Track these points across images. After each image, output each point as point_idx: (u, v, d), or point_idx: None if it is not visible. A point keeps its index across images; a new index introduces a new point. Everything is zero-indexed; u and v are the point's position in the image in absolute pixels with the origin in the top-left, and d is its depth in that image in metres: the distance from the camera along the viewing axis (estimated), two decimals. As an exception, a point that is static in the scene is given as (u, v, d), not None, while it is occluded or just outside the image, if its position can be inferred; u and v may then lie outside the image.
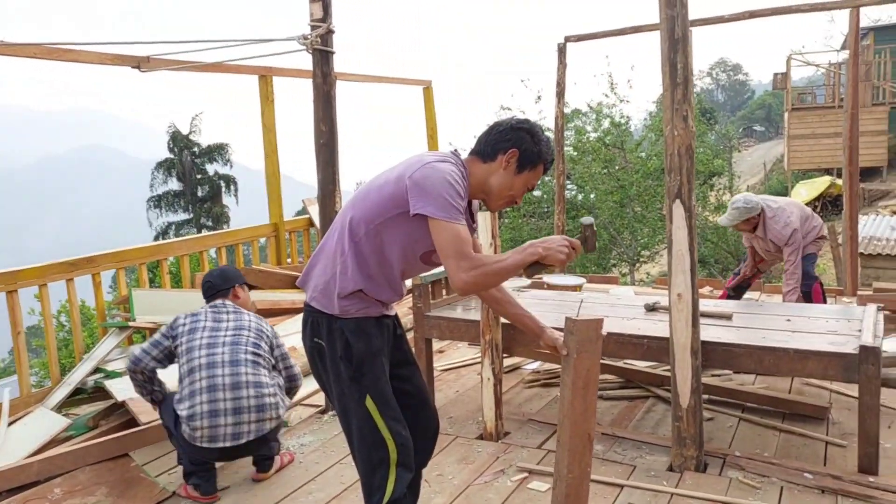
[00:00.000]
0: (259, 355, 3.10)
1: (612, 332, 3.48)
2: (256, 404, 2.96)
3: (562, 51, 6.86)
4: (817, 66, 24.28)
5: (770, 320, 3.61)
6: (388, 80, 7.12)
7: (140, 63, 4.78)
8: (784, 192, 21.10)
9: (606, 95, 13.94)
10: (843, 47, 28.97)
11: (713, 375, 4.24)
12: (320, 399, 4.11)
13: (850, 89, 6.07)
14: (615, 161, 13.36)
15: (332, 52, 3.99)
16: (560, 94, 6.92)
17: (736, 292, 5.35)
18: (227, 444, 2.93)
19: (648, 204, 12.81)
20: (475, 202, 2.32)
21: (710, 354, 3.22)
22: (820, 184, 19.94)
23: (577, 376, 2.15)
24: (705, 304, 3.91)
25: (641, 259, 13.74)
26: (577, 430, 2.18)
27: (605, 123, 14.02)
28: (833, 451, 3.26)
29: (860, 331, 3.24)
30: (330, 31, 3.96)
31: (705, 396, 3.92)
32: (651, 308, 3.94)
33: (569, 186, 13.93)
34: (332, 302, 2.16)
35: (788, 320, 3.59)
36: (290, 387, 3.35)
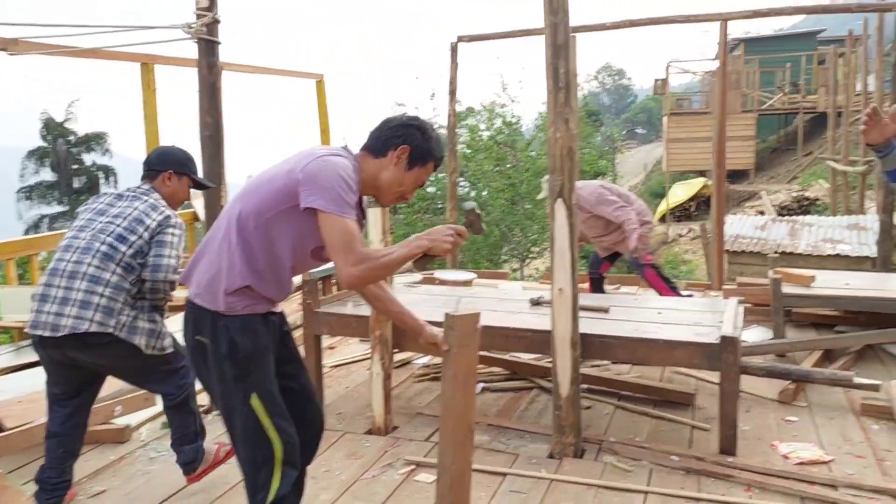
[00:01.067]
0: (116, 249, 2.67)
1: (499, 327, 3.60)
2: (83, 299, 2.60)
3: (454, 50, 6.96)
4: (693, 73, 25.82)
5: (643, 313, 3.84)
6: (280, 73, 6.98)
7: (7, 46, 4.46)
8: (663, 192, 22.33)
9: (498, 95, 14.30)
10: (717, 57, 31.06)
11: (592, 366, 4.45)
12: (204, 398, 3.98)
13: (719, 97, 6.52)
14: (506, 159, 13.70)
15: (218, 42, 3.89)
16: (452, 92, 7.03)
17: (598, 285, 5.61)
18: (45, 334, 2.59)
19: (538, 202, 13.21)
20: (364, 197, 2.33)
21: (588, 346, 3.39)
22: (695, 185, 21.24)
23: (457, 370, 2.21)
24: (585, 299, 4.10)
25: (531, 255, 14.17)
26: (458, 423, 2.25)
27: (498, 122, 14.35)
28: (698, 435, 3.51)
29: (722, 322, 3.50)
30: (216, 21, 3.86)
31: (584, 386, 4.12)
32: (536, 303, 4.09)
33: (462, 183, 14.15)
34: (218, 298, 2.11)
35: (660, 313, 3.84)
36: (152, 280, 2.73)
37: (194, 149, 3.94)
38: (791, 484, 2.93)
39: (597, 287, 5.57)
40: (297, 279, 4.51)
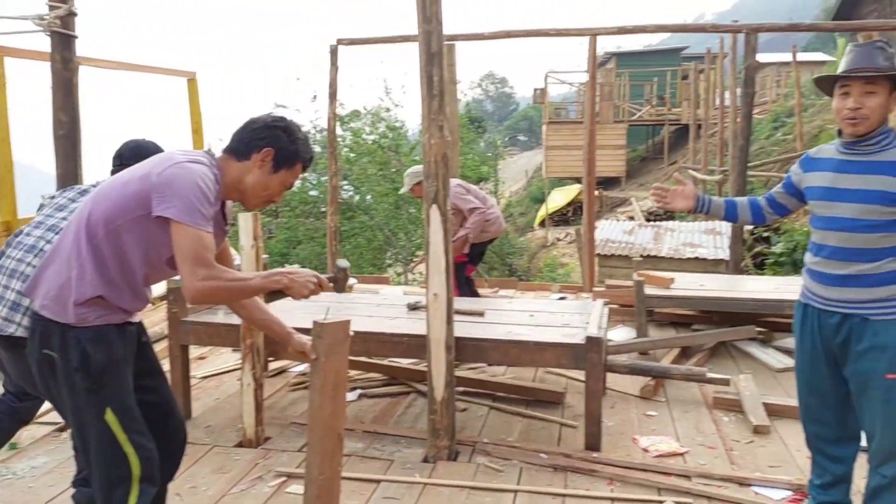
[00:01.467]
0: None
1: (375, 332, 3.60)
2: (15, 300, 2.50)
3: (334, 53, 6.89)
4: (570, 84, 26.92)
5: (517, 316, 3.95)
6: (147, 70, 6.62)
7: None
8: (543, 197, 23.13)
9: (381, 99, 14.30)
10: (595, 67, 32.58)
11: (469, 368, 4.53)
12: (58, 415, 3.71)
13: (588, 108, 6.84)
14: (391, 164, 13.71)
15: (75, 36, 3.65)
16: (332, 95, 6.95)
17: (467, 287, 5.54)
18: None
19: (422, 206, 13.31)
20: (230, 203, 2.25)
21: (463, 349, 3.45)
22: (572, 191, 22.12)
23: (325, 379, 2.18)
24: (461, 303, 4.17)
25: (415, 259, 14.23)
26: (326, 432, 2.22)
27: (382, 126, 14.34)
28: (566, 432, 3.65)
29: (588, 324, 3.66)
30: (72, 14, 3.62)
31: (460, 389, 4.19)
32: (413, 307, 4.11)
33: (346, 187, 14.03)
34: (67, 310, 1.98)
35: (532, 315, 3.96)
36: None
37: (48, 148, 3.70)
38: (650, 476, 3.10)
39: (466, 290, 5.49)
40: (162, 287, 4.31)
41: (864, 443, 2.49)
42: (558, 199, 22.33)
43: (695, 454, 3.37)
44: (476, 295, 5.47)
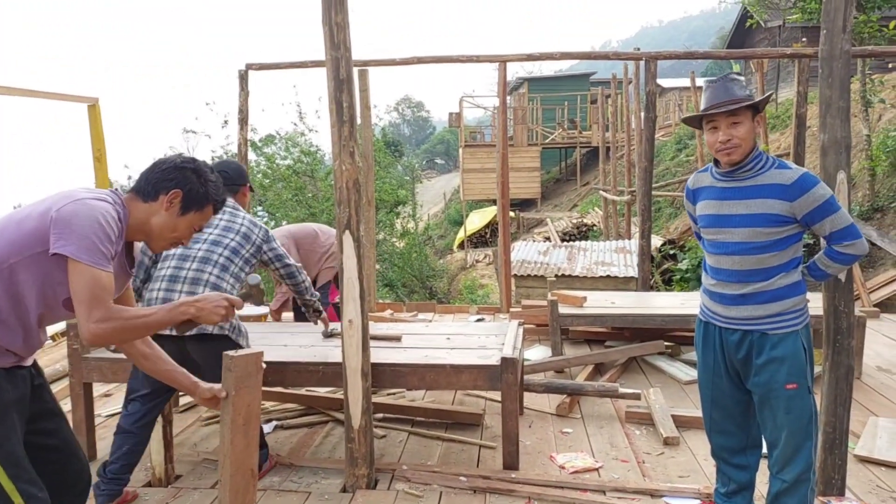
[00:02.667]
0: (232, 260, 3.16)
1: (290, 362, 3.53)
2: None
3: (243, 78, 6.79)
4: (484, 108, 27.44)
5: (433, 339, 3.97)
6: (44, 95, 6.32)
7: None
8: (461, 219, 23.39)
9: (295, 124, 14.16)
10: (507, 92, 33.44)
11: (388, 394, 4.51)
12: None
13: (501, 132, 6.99)
14: (306, 189, 13.56)
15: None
16: (242, 121, 6.83)
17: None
18: (171, 332, 2.78)
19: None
20: (138, 245, 2.18)
21: (380, 375, 3.43)
22: (489, 213, 22.47)
23: (236, 413, 2.13)
24: (377, 328, 4.16)
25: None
26: (238, 468, 2.16)
27: (296, 152, 14.19)
28: (485, 453, 3.67)
29: (504, 344, 3.72)
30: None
31: (380, 415, 4.17)
32: (328, 335, 4.06)
33: (261, 213, 13.76)
34: None
35: (448, 338, 3.99)
36: (294, 284, 3.52)
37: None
38: (566, 493, 3.15)
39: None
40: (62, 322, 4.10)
41: (765, 450, 2.62)
42: (476, 220, 22.64)
43: (609, 468, 3.46)
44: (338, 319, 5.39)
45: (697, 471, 3.42)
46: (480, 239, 22.37)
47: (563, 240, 16.12)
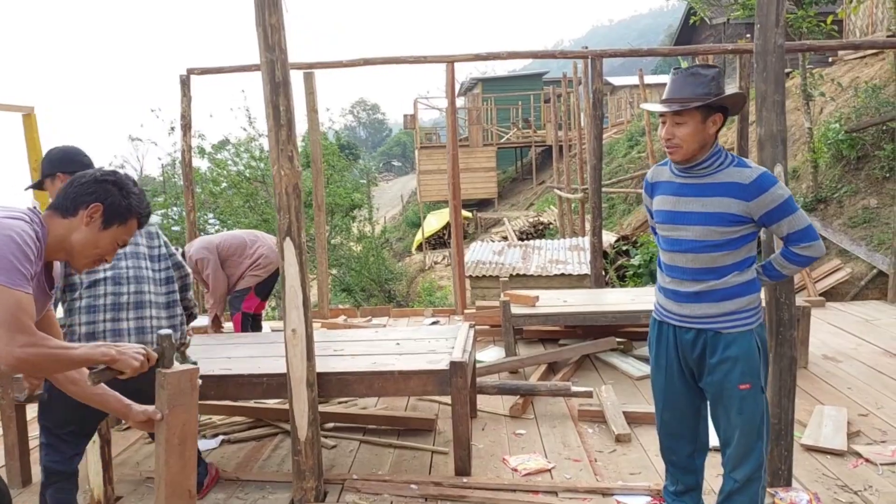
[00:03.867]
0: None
1: (233, 374, 3.43)
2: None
3: (185, 83, 6.62)
4: (439, 109, 27.43)
5: (382, 345, 3.90)
6: (-28, 103, 6.06)
7: None
8: (419, 221, 23.32)
9: (245, 129, 13.91)
10: (461, 93, 33.47)
11: (339, 402, 4.42)
12: None
13: (450, 133, 6.95)
14: (258, 195, 13.34)
15: None
16: (185, 126, 6.66)
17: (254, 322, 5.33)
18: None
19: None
20: (58, 265, 2.06)
21: (326, 385, 3.36)
22: (446, 214, 22.43)
23: (170, 433, 2.03)
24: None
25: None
26: (175, 490, 2.06)
27: (246, 157, 13.95)
28: (437, 459, 3.62)
29: (453, 348, 3.67)
30: None
31: (330, 424, 4.08)
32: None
33: (212, 220, 13.49)
34: None
35: (398, 344, 3.92)
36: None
37: None
38: (518, 496, 3.12)
39: (248, 325, 5.19)
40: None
41: (715, 442, 2.61)
42: (434, 222, 22.58)
43: (561, 468, 3.44)
44: (259, 329, 5.31)
45: (649, 467, 3.42)
46: (439, 240, 22.33)
47: (520, 239, 16.18)
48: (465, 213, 22.74)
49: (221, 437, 3.97)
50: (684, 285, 2.47)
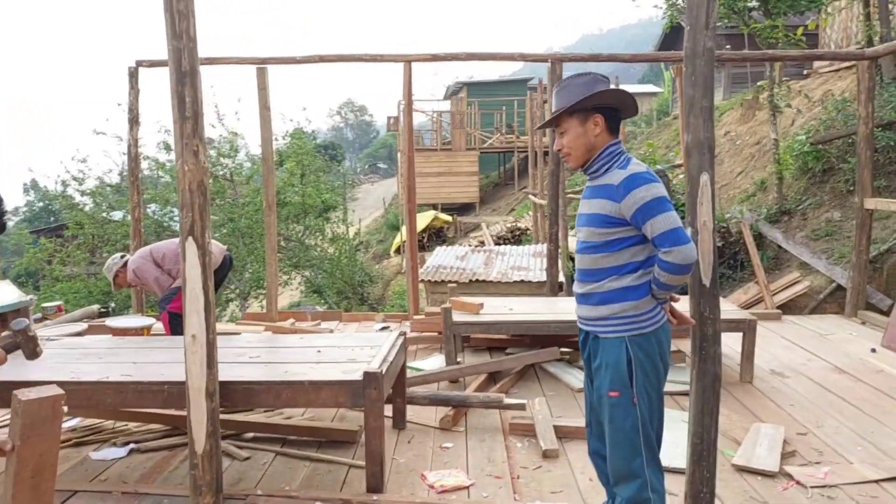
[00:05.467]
0: None
1: (130, 381, 3.24)
2: None
3: (133, 75, 6.42)
4: (424, 112, 27.28)
5: (302, 353, 3.72)
6: None
7: None
8: (399, 224, 23.13)
9: (213, 126, 13.66)
10: (446, 97, 33.30)
11: (264, 411, 4.23)
12: None
13: (406, 134, 6.78)
14: (226, 193, 13.10)
15: None
16: (132, 120, 6.47)
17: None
18: None
19: (260, 237, 12.79)
20: None
21: (231, 394, 3.18)
22: (426, 217, 22.26)
23: (22, 466, 1.84)
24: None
25: (256, 293, 13.63)
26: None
27: (213, 153, 13.70)
28: (354, 474, 3.44)
29: (374, 357, 3.49)
30: None
31: (250, 434, 3.90)
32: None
33: (176, 217, 13.22)
34: None
35: (319, 351, 3.74)
36: None
37: None
38: (427, 515, 2.96)
39: (177, 326, 4.98)
40: None
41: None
42: (412, 225, 22.38)
43: (480, 486, 3.28)
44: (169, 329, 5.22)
45: (572, 485, 3.26)
46: (418, 244, 22.16)
47: (497, 244, 16.02)
48: (445, 217, 22.58)
49: (132, 446, 3.77)
50: (577, 286, 2.50)
